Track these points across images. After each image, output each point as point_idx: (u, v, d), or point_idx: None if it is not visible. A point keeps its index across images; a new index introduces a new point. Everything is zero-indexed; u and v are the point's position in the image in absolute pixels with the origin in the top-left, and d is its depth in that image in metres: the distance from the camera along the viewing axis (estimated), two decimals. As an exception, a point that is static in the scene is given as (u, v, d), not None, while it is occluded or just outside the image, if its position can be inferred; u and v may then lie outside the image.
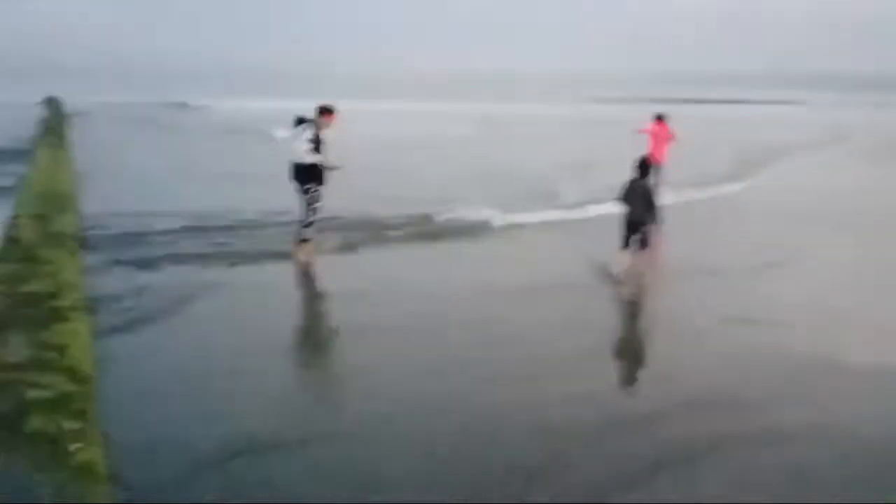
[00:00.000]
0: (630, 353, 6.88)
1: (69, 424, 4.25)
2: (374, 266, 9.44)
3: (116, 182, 14.63)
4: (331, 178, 9.30)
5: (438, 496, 4.17)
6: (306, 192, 9.22)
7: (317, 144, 9.10)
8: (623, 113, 38.73)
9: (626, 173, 9.09)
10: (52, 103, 35.32)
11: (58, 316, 5.97)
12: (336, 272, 9.02)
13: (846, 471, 4.60)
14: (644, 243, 9.01)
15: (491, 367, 6.05)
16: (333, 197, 9.59)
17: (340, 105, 9.57)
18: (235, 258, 9.22)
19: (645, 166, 8.96)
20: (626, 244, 9.02)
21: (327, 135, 9.23)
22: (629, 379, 6.30)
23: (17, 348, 5.21)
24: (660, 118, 14.51)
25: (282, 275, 8.89)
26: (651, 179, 9.07)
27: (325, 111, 9.27)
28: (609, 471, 4.47)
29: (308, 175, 9.15)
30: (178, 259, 9.04)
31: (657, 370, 6.44)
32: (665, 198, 11.77)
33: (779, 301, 8.14)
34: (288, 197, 9.66)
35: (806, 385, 5.95)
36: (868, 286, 8.92)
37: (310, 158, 9.04)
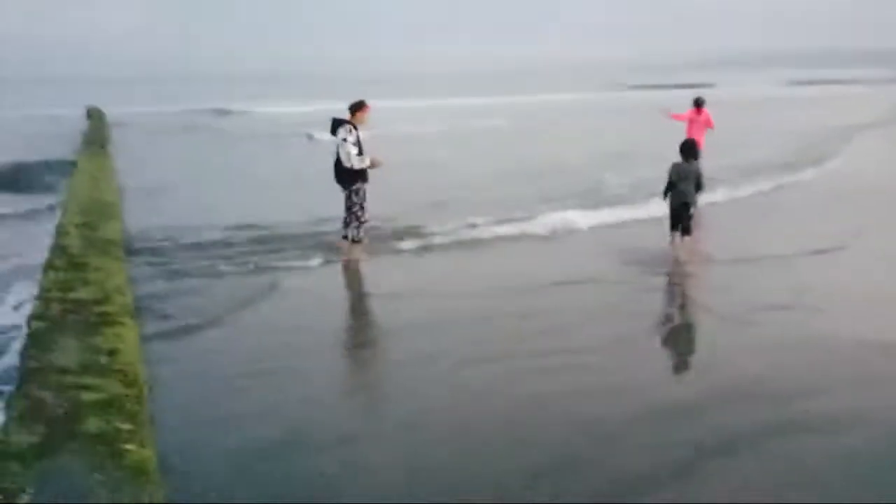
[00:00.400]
0: (667, 340, 6.81)
1: (122, 425, 4.37)
2: (423, 269, 9.41)
3: (159, 193, 14.69)
4: (371, 178, 9.38)
5: (477, 484, 4.20)
6: (354, 192, 9.30)
7: (359, 146, 9.18)
8: (654, 99, 38.13)
9: (666, 162, 9.07)
10: (93, 114, 36.14)
11: (106, 321, 6.13)
12: (385, 273, 9.04)
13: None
14: (687, 229, 8.98)
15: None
16: (372, 202, 9.61)
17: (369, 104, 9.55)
18: (281, 264, 9.19)
19: (690, 149, 8.94)
20: (674, 227, 9.03)
21: (364, 132, 9.31)
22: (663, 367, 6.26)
23: (70, 352, 5.37)
24: (697, 103, 14.25)
25: (332, 277, 8.99)
26: (698, 162, 9.02)
27: (358, 107, 9.32)
28: (650, 460, 4.45)
29: (353, 176, 9.24)
30: (220, 268, 9.09)
31: (693, 358, 6.42)
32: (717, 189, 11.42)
33: (819, 288, 8.00)
34: (330, 201, 9.71)
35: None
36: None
37: (358, 163, 9.13)
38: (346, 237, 9.49)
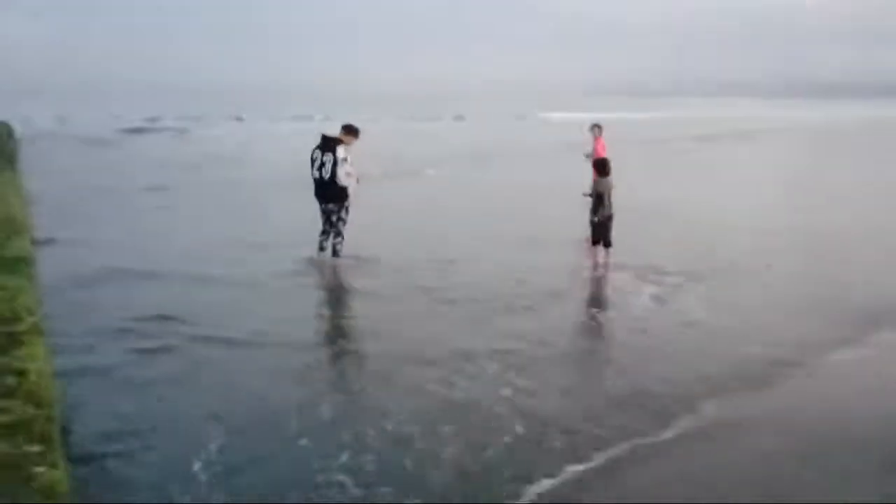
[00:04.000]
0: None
1: (31, 448, 4.20)
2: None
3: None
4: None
5: None
6: (345, 209, 9.72)
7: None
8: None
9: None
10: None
11: (15, 341, 5.88)
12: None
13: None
14: (609, 241, 10.27)
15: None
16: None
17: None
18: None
19: (605, 166, 10.23)
20: (597, 241, 10.24)
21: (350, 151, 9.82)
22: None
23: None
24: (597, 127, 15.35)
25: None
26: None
27: (354, 132, 9.76)
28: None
29: (343, 193, 9.62)
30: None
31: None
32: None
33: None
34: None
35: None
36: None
37: (350, 181, 9.61)
38: (323, 249, 9.80)
